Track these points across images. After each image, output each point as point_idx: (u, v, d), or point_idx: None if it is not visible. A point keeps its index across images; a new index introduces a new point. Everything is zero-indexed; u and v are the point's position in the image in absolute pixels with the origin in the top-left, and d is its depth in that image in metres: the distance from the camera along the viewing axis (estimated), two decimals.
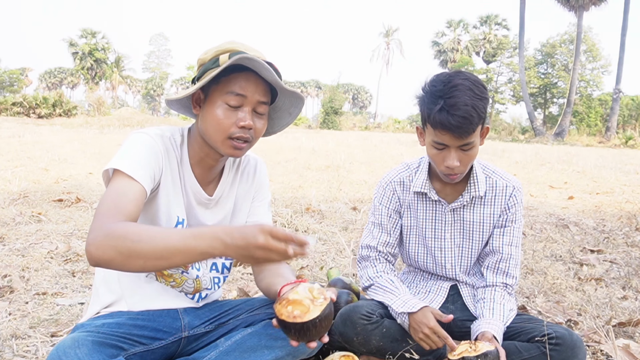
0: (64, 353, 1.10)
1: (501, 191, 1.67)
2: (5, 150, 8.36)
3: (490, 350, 1.41)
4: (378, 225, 1.75)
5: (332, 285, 2.09)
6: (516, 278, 1.69)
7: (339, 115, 36.72)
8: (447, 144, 1.48)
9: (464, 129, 1.42)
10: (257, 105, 1.29)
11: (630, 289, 2.64)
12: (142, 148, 1.24)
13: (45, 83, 65.28)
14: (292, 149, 12.17)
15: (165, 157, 1.29)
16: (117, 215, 1.08)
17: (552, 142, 26.96)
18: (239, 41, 1.30)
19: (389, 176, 1.76)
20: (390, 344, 1.59)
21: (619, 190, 6.80)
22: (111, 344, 1.21)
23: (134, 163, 1.20)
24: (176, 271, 1.41)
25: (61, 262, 2.71)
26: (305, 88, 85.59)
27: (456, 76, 1.47)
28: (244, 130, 1.27)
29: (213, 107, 1.27)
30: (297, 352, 1.36)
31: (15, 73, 51.77)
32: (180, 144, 1.35)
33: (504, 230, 1.69)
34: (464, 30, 53.90)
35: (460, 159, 1.50)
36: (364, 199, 5.27)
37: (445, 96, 1.43)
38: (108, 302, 1.37)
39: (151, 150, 1.25)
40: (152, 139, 1.27)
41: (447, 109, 1.42)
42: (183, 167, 1.36)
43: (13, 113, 23.35)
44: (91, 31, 58.01)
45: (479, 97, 1.43)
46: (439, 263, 1.75)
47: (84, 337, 1.16)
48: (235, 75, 1.26)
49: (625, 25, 29.40)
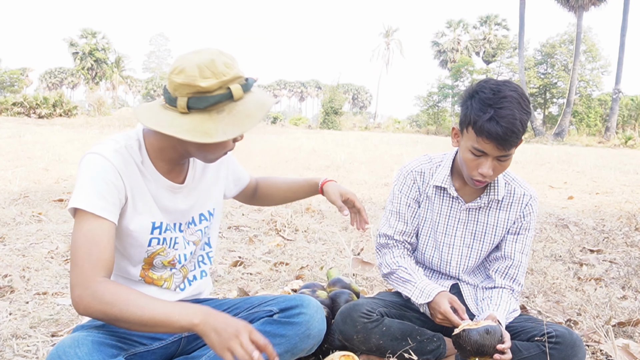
0: (63, 352, 1.10)
1: (518, 199, 1.69)
2: (6, 150, 8.36)
3: (493, 325, 1.41)
4: (396, 214, 1.75)
5: (332, 285, 2.09)
6: (522, 286, 1.71)
7: (339, 115, 36.72)
8: (487, 152, 1.48)
9: (508, 141, 1.43)
10: None
11: (629, 288, 2.64)
12: (98, 176, 1.20)
13: (46, 83, 65.26)
14: (292, 149, 12.17)
15: (124, 172, 1.25)
16: (97, 269, 1.13)
17: (552, 142, 26.97)
18: (231, 57, 1.23)
19: (410, 165, 1.77)
20: (390, 342, 1.60)
21: (618, 190, 6.81)
22: (111, 344, 1.21)
23: (95, 198, 1.17)
24: (164, 271, 1.41)
25: (61, 262, 2.71)
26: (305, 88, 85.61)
27: (505, 86, 1.47)
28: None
29: None
30: (295, 350, 1.36)
31: (16, 73, 51.71)
32: (138, 148, 1.31)
33: (517, 238, 1.70)
34: (464, 30, 53.88)
35: (495, 168, 1.51)
36: (364, 199, 5.27)
37: (496, 105, 1.43)
38: None
39: (108, 175, 1.21)
40: (106, 160, 1.22)
41: (496, 119, 1.42)
42: (146, 168, 1.33)
43: (13, 113, 23.35)
44: (91, 31, 57.99)
45: (525, 111, 1.45)
46: (445, 259, 1.76)
47: (84, 337, 1.16)
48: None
49: (625, 25, 29.39)
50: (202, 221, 1.48)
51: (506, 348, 1.42)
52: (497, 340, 1.41)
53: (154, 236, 1.33)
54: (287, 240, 3.46)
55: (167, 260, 1.39)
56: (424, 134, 33.96)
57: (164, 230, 1.36)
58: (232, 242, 3.35)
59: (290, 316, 1.36)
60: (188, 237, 1.45)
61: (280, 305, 1.39)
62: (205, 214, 1.49)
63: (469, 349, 1.42)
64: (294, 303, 1.39)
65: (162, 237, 1.36)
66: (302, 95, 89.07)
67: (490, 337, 1.40)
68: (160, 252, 1.37)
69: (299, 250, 3.21)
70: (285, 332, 1.34)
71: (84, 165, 1.22)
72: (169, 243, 1.38)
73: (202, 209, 1.48)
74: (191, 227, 1.45)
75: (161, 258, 1.38)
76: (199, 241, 1.48)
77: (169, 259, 1.39)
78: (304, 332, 1.35)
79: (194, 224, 1.46)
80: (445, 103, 43.67)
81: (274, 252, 3.15)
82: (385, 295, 1.80)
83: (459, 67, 42.99)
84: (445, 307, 1.54)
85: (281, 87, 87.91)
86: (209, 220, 1.51)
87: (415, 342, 1.61)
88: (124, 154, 1.26)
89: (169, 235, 1.37)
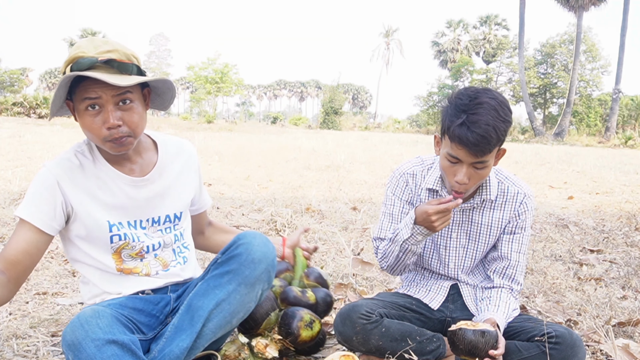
0: (86, 321, 1.13)
1: (512, 197, 1.68)
2: (6, 150, 8.35)
3: (490, 330, 1.42)
4: (389, 216, 1.75)
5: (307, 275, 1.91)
6: (521, 285, 1.70)
7: (339, 115, 36.73)
8: (460, 159, 1.48)
9: (480, 148, 1.42)
10: (117, 99, 1.30)
11: (629, 288, 2.64)
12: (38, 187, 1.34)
13: (46, 83, 65.27)
14: (292, 149, 12.17)
15: (66, 181, 1.35)
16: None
17: (552, 142, 26.96)
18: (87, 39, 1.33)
19: (402, 167, 1.77)
20: (390, 343, 1.60)
21: (618, 190, 6.81)
22: (124, 323, 1.25)
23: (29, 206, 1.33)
24: (136, 262, 1.45)
25: (61, 262, 2.71)
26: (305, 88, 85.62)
27: (484, 93, 1.46)
28: (114, 130, 1.30)
29: (80, 116, 1.32)
30: (248, 279, 1.36)
31: (16, 73, 51.66)
32: (89, 151, 1.41)
33: (513, 237, 1.69)
34: (464, 30, 53.87)
35: (471, 175, 1.50)
36: (364, 199, 5.27)
37: (469, 111, 1.43)
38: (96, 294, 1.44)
39: (44, 185, 1.34)
40: (48, 172, 1.35)
41: (468, 124, 1.42)
42: (101, 167, 1.40)
43: (13, 113, 23.35)
44: (91, 31, 57.96)
45: (502, 119, 1.44)
46: (443, 261, 1.76)
47: (104, 309, 1.20)
48: (85, 81, 1.27)
49: (624, 25, 29.39)
50: (165, 222, 1.50)
51: (498, 355, 1.41)
52: (491, 345, 1.41)
53: (113, 233, 1.39)
54: None
55: (135, 252, 1.43)
56: (424, 134, 33.95)
57: (123, 227, 1.41)
58: None
59: (230, 252, 1.39)
60: (151, 235, 1.48)
61: (223, 249, 1.42)
62: (171, 216, 1.51)
63: (461, 348, 1.42)
64: (233, 241, 1.41)
65: (123, 233, 1.41)
66: (302, 95, 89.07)
67: (485, 340, 1.40)
68: (124, 246, 1.42)
69: None
70: (229, 267, 1.35)
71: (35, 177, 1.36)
72: (131, 238, 1.42)
73: (169, 210, 1.50)
74: (154, 226, 1.48)
75: (128, 251, 1.43)
76: (166, 236, 1.51)
77: (136, 251, 1.44)
78: (246, 258, 1.35)
79: (157, 224, 1.49)
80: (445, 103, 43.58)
81: None
82: (385, 296, 1.79)
83: (459, 67, 43.02)
84: (431, 205, 1.52)
85: (281, 87, 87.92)
86: (173, 223, 1.52)
87: (415, 343, 1.61)
88: (68, 161, 1.38)
89: (130, 232, 1.42)
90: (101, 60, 1.27)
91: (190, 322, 1.31)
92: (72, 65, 1.27)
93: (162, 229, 1.50)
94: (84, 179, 1.38)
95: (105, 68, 1.28)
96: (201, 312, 1.31)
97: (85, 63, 1.26)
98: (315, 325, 1.60)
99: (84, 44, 1.30)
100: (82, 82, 1.27)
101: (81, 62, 1.26)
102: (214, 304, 1.32)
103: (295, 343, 1.59)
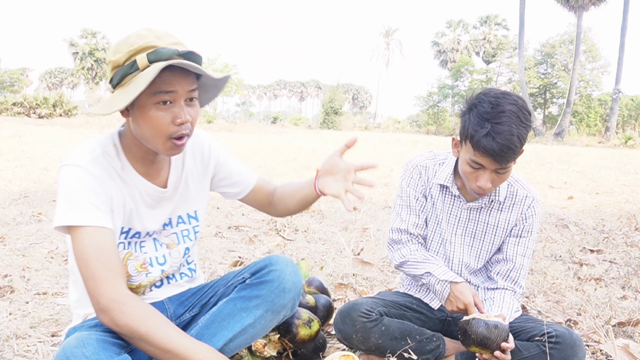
0: (71, 353, 1.09)
1: (520, 200, 1.68)
2: (6, 150, 8.35)
3: (502, 323, 1.42)
4: (407, 207, 1.75)
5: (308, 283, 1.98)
6: (523, 288, 1.71)
7: (339, 115, 36.73)
8: (484, 165, 1.48)
9: (505, 157, 1.43)
10: (189, 96, 1.22)
11: (629, 288, 2.64)
12: (83, 187, 1.18)
13: (46, 83, 65.29)
14: (292, 149, 12.17)
15: (105, 180, 1.24)
16: (118, 278, 1.15)
17: (552, 142, 26.95)
18: (149, 30, 1.21)
19: (415, 160, 1.77)
20: (390, 342, 1.60)
21: (618, 190, 6.81)
22: (113, 342, 1.20)
23: (86, 209, 1.17)
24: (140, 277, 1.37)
25: (61, 262, 2.71)
26: (305, 88, 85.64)
27: (504, 99, 1.46)
28: (182, 126, 1.21)
29: (145, 111, 1.19)
30: (275, 306, 1.35)
31: (16, 73, 51.71)
32: (116, 154, 1.29)
33: (519, 241, 1.69)
34: (464, 30, 53.89)
35: (493, 180, 1.51)
36: (364, 199, 5.26)
37: (493, 120, 1.43)
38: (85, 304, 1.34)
39: (93, 184, 1.20)
40: (86, 171, 1.20)
41: (493, 135, 1.42)
42: (127, 173, 1.31)
43: (13, 113, 23.34)
44: (91, 31, 57.99)
45: (524, 125, 1.44)
46: (448, 256, 1.76)
47: (88, 336, 1.15)
48: (161, 73, 1.16)
49: (625, 26, 29.37)
50: (179, 224, 1.44)
51: (509, 348, 1.42)
52: (503, 338, 1.41)
53: (120, 240, 1.32)
54: (287, 240, 3.46)
55: (139, 263, 1.37)
56: (424, 134, 33.96)
57: (132, 235, 1.35)
58: (232, 242, 3.35)
59: (261, 276, 1.36)
60: (161, 240, 1.42)
61: (251, 269, 1.40)
62: (184, 217, 1.45)
63: (473, 338, 1.42)
64: (264, 264, 1.39)
65: (127, 242, 1.35)
66: (302, 95, 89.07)
67: (497, 332, 1.40)
68: (128, 256, 1.36)
69: (299, 250, 3.20)
70: (259, 292, 1.34)
71: (65, 179, 1.19)
72: (134, 247, 1.36)
73: (182, 210, 1.44)
74: (167, 229, 1.42)
75: (133, 262, 1.36)
76: (173, 244, 1.44)
77: (140, 262, 1.38)
78: (277, 287, 1.35)
79: (170, 226, 1.43)
80: (445, 103, 43.64)
81: (274, 252, 3.15)
82: (385, 295, 1.80)
83: (459, 67, 42.96)
84: (470, 297, 1.55)
85: (281, 87, 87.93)
86: (188, 223, 1.46)
87: (415, 342, 1.61)
88: (101, 162, 1.25)
89: (134, 240, 1.36)
90: (181, 52, 1.16)
91: (212, 340, 1.30)
92: (149, 55, 1.14)
93: (177, 232, 1.44)
94: (114, 183, 1.28)
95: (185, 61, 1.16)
96: (225, 332, 1.30)
97: (165, 53, 1.14)
98: (313, 324, 1.60)
99: (148, 35, 1.18)
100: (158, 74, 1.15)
101: (161, 52, 1.14)
102: (240, 328, 1.31)
103: (293, 342, 1.58)
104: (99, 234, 1.17)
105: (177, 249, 1.45)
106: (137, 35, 1.18)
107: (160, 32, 1.20)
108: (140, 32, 1.19)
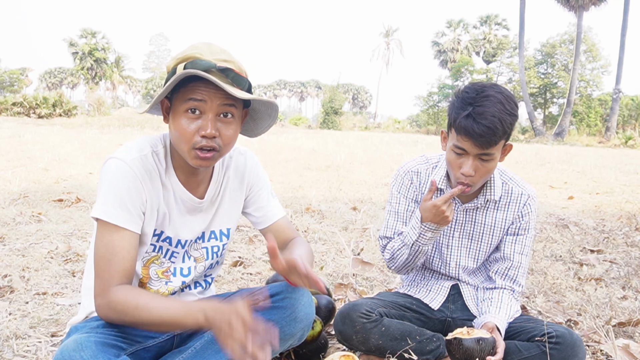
0: (69, 356, 1.09)
1: (516, 198, 1.68)
2: (6, 150, 8.35)
3: (486, 337, 1.42)
4: (394, 214, 1.75)
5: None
6: (523, 286, 1.71)
7: (339, 115, 36.71)
8: (467, 151, 1.49)
9: (486, 139, 1.43)
10: (221, 110, 1.22)
11: (630, 288, 2.64)
12: (120, 185, 1.21)
13: (46, 83, 65.26)
14: (292, 149, 12.17)
15: (146, 181, 1.26)
16: (114, 278, 1.19)
17: (552, 142, 26.96)
18: (207, 44, 1.26)
19: (407, 165, 1.77)
20: (390, 342, 1.60)
21: (618, 190, 6.81)
22: (112, 344, 1.21)
23: (116, 209, 1.20)
24: (160, 284, 1.39)
25: (61, 262, 2.71)
26: (305, 88, 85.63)
27: (490, 88, 1.48)
28: (207, 139, 1.21)
29: (176, 116, 1.23)
30: (284, 335, 1.34)
31: (16, 73, 51.73)
32: (164, 155, 1.32)
33: (516, 239, 1.69)
34: (464, 30, 53.86)
35: (477, 168, 1.51)
36: (364, 199, 5.27)
37: (475, 104, 1.45)
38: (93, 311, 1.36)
39: (130, 183, 1.22)
40: (130, 168, 1.23)
41: (474, 116, 1.43)
42: (169, 178, 1.33)
43: (13, 113, 23.35)
44: (91, 31, 57.95)
45: (508, 112, 1.45)
46: (445, 260, 1.76)
47: (86, 338, 1.15)
48: (195, 82, 1.20)
49: (625, 25, 29.37)
50: (211, 239, 1.45)
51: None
52: (487, 352, 1.41)
53: (151, 242, 1.33)
54: None
55: (162, 270, 1.38)
56: (424, 134, 33.95)
57: (163, 239, 1.35)
58: (232, 242, 3.35)
59: (275, 301, 1.36)
60: (191, 252, 1.43)
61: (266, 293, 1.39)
62: (217, 233, 1.46)
63: (457, 357, 1.44)
64: (279, 289, 1.38)
65: (159, 245, 1.35)
66: (302, 95, 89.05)
67: (480, 347, 1.41)
68: (154, 259, 1.36)
69: None
70: (270, 317, 1.33)
71: (106, 171, 1.23)
72: (164, 253, 1.37)
73: (216, 226, 1.45)
74: (198, 242, 1.43)
75: (156, 267, 1.37)
76: (201, 259, 1.45)
77: (163, 269, 1.38)
78: (290, 315, 1.34)
79: (202, 240, 1.44)
80: (445, 103, 43.55)
81: None
82: (385, 296, 1.80)
83: (459, 67, 42.98)
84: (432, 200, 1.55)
85: (281, 87, 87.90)
86: (220, 240, 1.46)
87: (415, 342, 1.61)
88: (147, 161, 1.27)
89: (166, 246, 1.37)
90: (219, 67, 1.20)
91: (215, 357, 1.29)
92: (187, 64, 1.20)
93: (207, 247, 1.44)
94: (154, 185, 1.29)
95: (220, 76, 1.21)
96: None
97: (202, 64, 1.19)
98: (316, 325, 1.60)
99: (201, 47, 1.24)
100: (191, 82, 1.20)
101: (198, 63, 1.19)
102: None
103: None
104: (120, 235, 1.21)
105: (204, 264, 1.46)
106: (192, 47, 1.24)
107: (216, 48, 1.25)
108: (197, 44, 1.25)
